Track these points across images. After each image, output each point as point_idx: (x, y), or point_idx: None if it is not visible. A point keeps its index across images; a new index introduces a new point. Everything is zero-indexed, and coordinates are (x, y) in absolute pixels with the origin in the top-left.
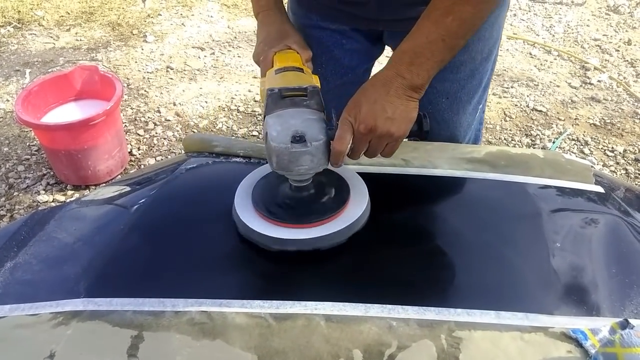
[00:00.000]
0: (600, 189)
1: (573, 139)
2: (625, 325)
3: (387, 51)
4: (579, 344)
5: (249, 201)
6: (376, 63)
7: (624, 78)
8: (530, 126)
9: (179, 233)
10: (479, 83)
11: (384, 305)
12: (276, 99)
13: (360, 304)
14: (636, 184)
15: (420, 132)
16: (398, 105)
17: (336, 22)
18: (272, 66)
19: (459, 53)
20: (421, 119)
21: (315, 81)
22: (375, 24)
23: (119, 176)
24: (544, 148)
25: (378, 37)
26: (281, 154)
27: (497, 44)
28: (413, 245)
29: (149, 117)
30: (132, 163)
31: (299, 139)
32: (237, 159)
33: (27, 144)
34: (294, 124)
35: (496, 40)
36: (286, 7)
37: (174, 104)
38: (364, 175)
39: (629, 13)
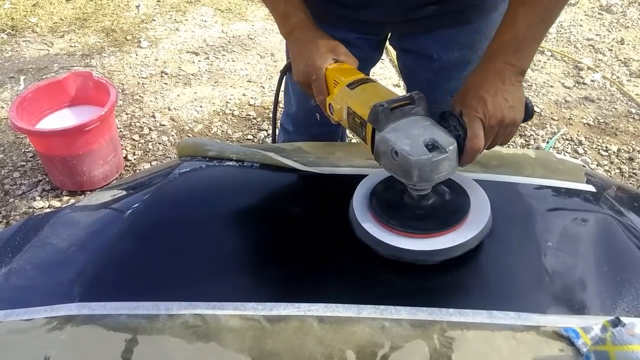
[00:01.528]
0: (592, 188)
1: (567, 139)
2: (616, 323)
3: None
4: (571, 343)
5: (374, 219)
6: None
7: (618, 77)
8: (524, 126)
9: (172, 237)
10: None
11: (377, 306)
12: (387, 113)
13: (353, 305)
14: (630, 183)
15: (528, 110)
16: (514, 92)
17: (341, 31)
18: (328, 84)
19: (468, 51)
20: (526, 101)
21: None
22: (383, 28)
23: (114, 182)
24: (538, 148)
25: (380, 43)
26: (423, 166)
27: None
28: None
29: (143, 122)
30: (127, 168)
31: (431, 146)
32: (230, 163)
33: (23, 150)
34: (418, 134)
35: None
36: None
37: (169, 109)
38: (356, 177)
39: (621, 12)
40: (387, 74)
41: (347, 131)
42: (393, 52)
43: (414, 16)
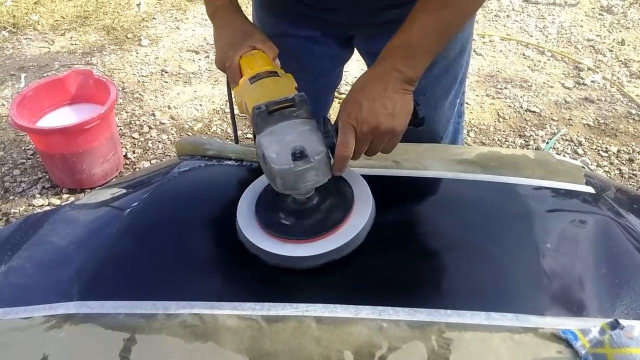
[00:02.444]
0: (591, 190)
1: (567, 140)
2: (615, 325)
3: (356, 54)
4: (569, 345)
5: (253, 218)
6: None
7: (618, 78)
8: (524, 127)
9: (171, 236)
10: (454, 78)
11: (375, 307)
12: (264, 116)
13: (351, 306)
14: (630, 184)
15: (416, 120)
16: (397, 99)
17: (307, 29)
18: (241, 73)
19: None
20: (415, 107)
21: (291, 80)
22: (347, 29)
23: (114, 179)
24: (537, 149)
25: (348, 40)
26: (286, 175)
27: (469, 40)
28: (404, 246)
29: (143, 121)
30: (127, 166)
31: (299, 155)
32: (229, 162)
33: (23, 148)
34: (290, 140)
35: (468, 37)
36: (254, 17)
37: (169, 107)
38: None
39: (622, 13)
40: None
41: None
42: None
43: (375, 20)
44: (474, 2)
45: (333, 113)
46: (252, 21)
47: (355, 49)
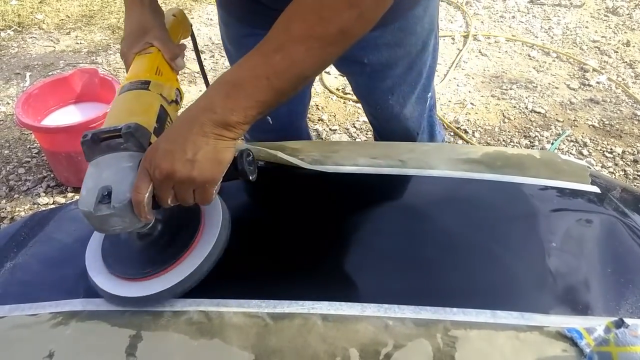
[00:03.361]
0: (596, 189)
1: (572, 141)
2: (620, 324)
3: None
4: (574, 343)
5: (99, 253)
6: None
7: (623, 80)
8: (529, 128)
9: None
10: (418, 74)
11: (381, 305)
12: (91, 146)
13: (357, 304)
14: (635, 186)
15: (237, 173)
16: (202, 145)
17: (269, 29)
18: None
19: (396, 49)
20: (236, 158)
21: (168, 94)
22: None
23: None
24: (542, 149)
25: None
26: (89, 218)
27: (431, 35)
28: (409, 245)
29: None
30: None
31: (107, 196)
32: None
33: (28, 146)
34: (105, 178)
35: (430, 32)
36: (219, 19)
37: None
38: (360, 176)
39: (627, 15)
40: None
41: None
42: None
43: None
44: (314, 54)
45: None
46: (218, 23)
47: None
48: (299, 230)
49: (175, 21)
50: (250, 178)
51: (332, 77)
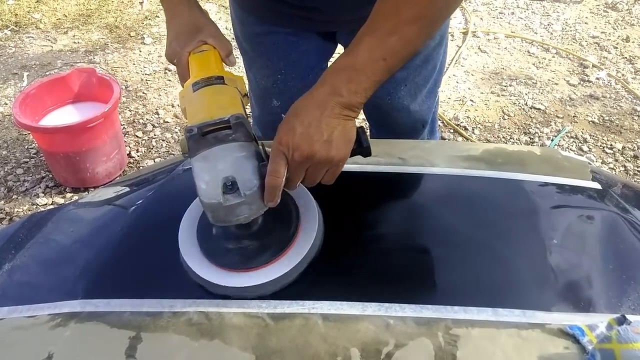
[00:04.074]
0: (597, 186)
1: (572, 137)
2: (622, 321)
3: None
4: (576, 340)
5: (195, 244)
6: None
7: (623, 75)
8: (529, 124)
9: (176, 234)
10: (433, 68)
11: (381, 304)
12: (197, 139)
13: (358, 303)
14: (635, 181)
15: (361, 149)
16: (335, 125)
17: (289, 27)
18: (189, 73)
19: None
20: (360, 136)
21: (241, 85)
22: (329, 26)
23: (118, 178)
24: (542, 146)
25: (331, 34)
26: (215, 210)
27: (447, 30)
28: (410, 243)
29: (147, 119)
30: (130, 165)
31: (230, 187)
32: None
33: (26, 147)
34: (222, 169)
35: (446, 27)
36: (232, 16)
37: (173, 106)
38: (361, 174)
39: (627, 10)
40: None
41: None
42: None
43: (357, 15)
44: (423, 34)
45: None
46: (230, 20)
47: (338, 43)
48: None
49: None
50: (368, 148)
51: None
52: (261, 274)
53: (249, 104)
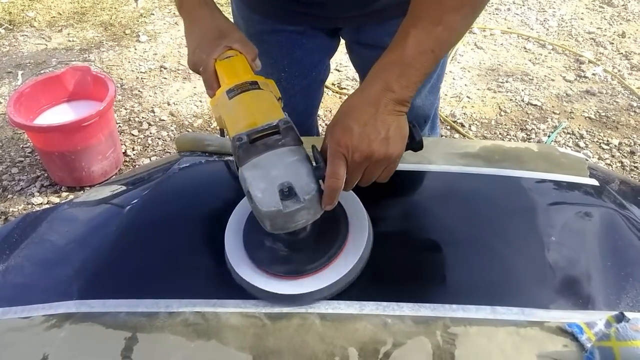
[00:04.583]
0: (594, 182)
1: (568, 133)
2: (621, 318)
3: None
4: (575, 338)
5: (242, 250)
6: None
7: (619, 71)
8: (526, 120)
9: (172, 233)
10: None
11: (379, 303)
12: (247, 147)
13: (355, 302)
14: (632, 177)
15: (414, 144)
16: (391, 122)
17: (294, 24)
18: (217, 80)
19: None
20: (412, 130)
21: (274, 89)
22: (334, 22)
23: (114, 177)
24: (539, 142)
25: (335, 31)
26: (275, 217)
27: None
28: (407, 241)
29: (143, 117)
30: (126, 163)
31: (287, 193)
32: (230, 158)
33: (21, 145)
34: (277, 176)
35: None
36: (235, 15)
37: (168, 104)
38: None
39: (622, 5)
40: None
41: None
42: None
43: (362, 11)
44: (467, 21)
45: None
46: (232, 18)
47: (342, 39)
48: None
49: None
50: (421, 142)
51: None
52: (308, 282)
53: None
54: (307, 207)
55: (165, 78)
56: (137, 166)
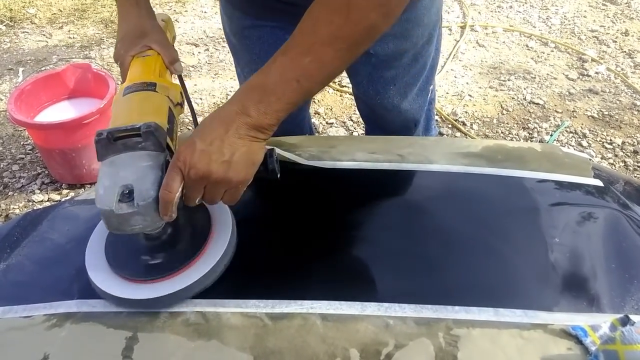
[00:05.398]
0: (598, 183)
1: (571, 132)
2: (625, 321)
3: None
4: (579, 341)
5: (101, 253)
6: None
7: (622, 69)
8: (528, 119)
9: None
10: (423, 66)
11: (381, 304)
12: (106, 144)
13: (357, 303)
14: (635, 177)
15: (267, 172)
16: (239, 146)
17: (274, 20)
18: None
19: (402, 41)
20: (266, 159)
21: (173, 95)
22: None
23: None
24: (541, 141)
25: None
26: (108, 217)
27: (437, 27)
28: (410, 242)
29: None
30: None
31: (127, 195)
32: None
33: (22, 143)
34: (124, 176)
35: (435, 23)
36: (221, 12)
37: None
38: (359, 172)
39: (626, 3)
40: None
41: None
42: None
43: None
44: (342, 55)
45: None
46: (220, 16)
47: None
48: (297, 228)
49: (165, 26)
50: (278, 176)
51: None
52: (163, 286)
53: (182, 114)
54: (141, 213)
55: None
56: None
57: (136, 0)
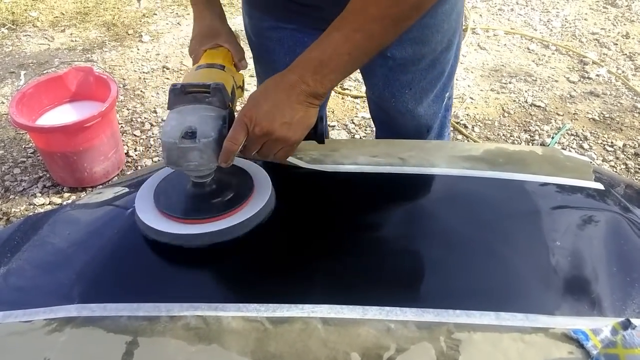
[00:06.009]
0: (600, 186)
1: (572, 134)
2: (627, 325)
3: None
4: (580, 345)
5: (150, 199)
6: None
7: (623, 72)
8: (529, 122)
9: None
10: (440, 72)
11: (382, 308)
12: (178, 95)
13: (358, 307)
14: (636, 179)
15: (315, 136)
16: (298, 110)
17: (292, 23)
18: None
19: (421, 46)
20: (317, 123)
21: (238, 80)
22: (330, 23)
23: (116, 178)
24: (543, 144)
25: None
26: (170, 149)
27: (456, 33)
28: (411, 245)
29: (145, 118)
30: (128, 164)
31: (190, 134)
32: None
33: (23, 146)
34: (189, 120)
35: (455, 30)
36: (243, 12)
37: None
38: (360, 175)
39: (626, 6)
40: None
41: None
42: None
43: None
44: (388, 30)
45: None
46: (242, 16)
47: None
48: (298, 232)
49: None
50: (324, 140)
51: None
52: (206, 226)
53: (240, 98)
54: (200, 149)
55: (167, 78)
56: (139, 167)
57: (211, 4)
